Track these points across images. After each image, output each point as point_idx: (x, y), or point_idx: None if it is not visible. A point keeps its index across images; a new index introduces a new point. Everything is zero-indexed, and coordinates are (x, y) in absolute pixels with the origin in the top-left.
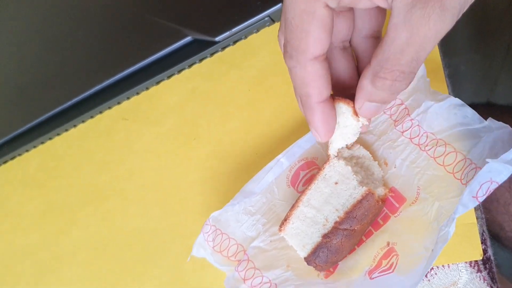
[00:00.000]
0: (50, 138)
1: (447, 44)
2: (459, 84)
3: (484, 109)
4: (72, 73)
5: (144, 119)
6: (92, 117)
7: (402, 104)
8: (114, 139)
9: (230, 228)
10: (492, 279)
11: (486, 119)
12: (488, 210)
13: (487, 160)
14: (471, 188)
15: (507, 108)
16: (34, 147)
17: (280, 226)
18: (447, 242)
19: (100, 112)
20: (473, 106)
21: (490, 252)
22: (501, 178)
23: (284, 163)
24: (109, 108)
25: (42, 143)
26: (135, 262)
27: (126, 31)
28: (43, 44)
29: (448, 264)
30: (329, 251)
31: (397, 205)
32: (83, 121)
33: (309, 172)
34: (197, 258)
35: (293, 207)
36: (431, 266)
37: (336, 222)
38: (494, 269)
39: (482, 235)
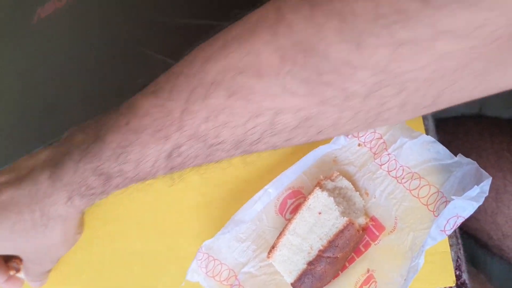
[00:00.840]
0: None
1: None
2: None
3: (474, 121)
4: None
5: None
6: None
7: (381, 138)
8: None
9: (222, 254)
10: None
11: (474, 132)
12: (476, 220)
13: (453, 197)
14: (438, 223)
15: (497, 120)
16: None
17: (268, 253)
18: (418, 273)
19: None
20: (463, 118)
21: (465, 277)
22: (466, 213)
23: (272, 193)
24: None
25: None
26: (135, 283)
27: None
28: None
29: None
30: (314, 278)
31: (377, 233)
32: None
33: (295, 200)
34: (191, 283)
35: (280, 234)
36: None
37: (320, 250)
38: None
39: (456, 261)
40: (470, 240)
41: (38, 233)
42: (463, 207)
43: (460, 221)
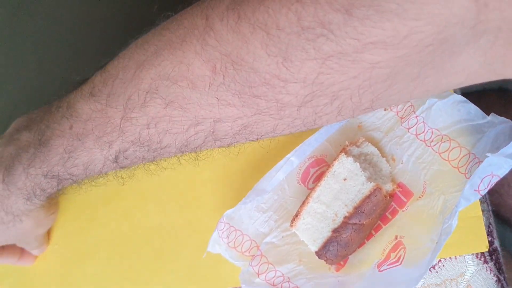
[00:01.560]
0: None
1: None
2: None
3: (497, 94)
4: None
5: None
6: None
7: (407, 101)
8: None
9: (243, 225)
10: (499, 269)
11: (497, 106)
12: (499, 194)
13: (487, 154)
14: (472, 182)
15: None
16: None
17: (292, 222)
18: (451, 235)
19: None
20: (484, 92)
21: (496, 243)
22: (502, 171)
23: (294, 162)
24: None
25: None
26: (154, 257)
27: None
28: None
29: (455, 256)
30: (339, 245)
31: (405, 200)
32: None
33: (319, 169)
34: (213, 254)
35: (303, 203)
36: (436, 258)
37: (345, 217)
38: (501, 260)
39: (488, 227)
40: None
41: (9, 228)
42: (498, 165)
43: (495, 180)
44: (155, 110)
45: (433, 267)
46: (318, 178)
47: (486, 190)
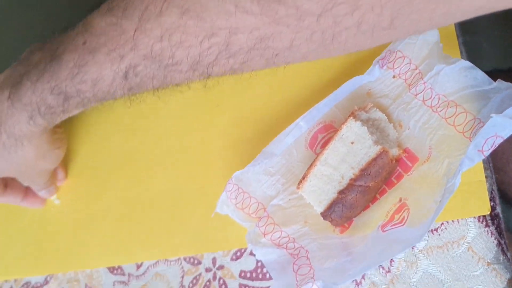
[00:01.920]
0: None
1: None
2: (480, 56)
3: (508, 74)
4: None
5: (171, 87)
6: None
7: (416, 69)
8: (141, 106)
9: (251, 188)
10: (500, 234)
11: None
12: (503, 172)
13: (492, 115)
14: (476, 142)
15: None
16: None
17: (298, 184)
18: (453, 195)
19: None
20: (495, 72)
21: (498, 209)
22: (506, 133)
23: (302, 127)
24: None
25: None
26: (162, 220)
27: None
28: None
29: (458, 220)
30: (344, 206)
31: (410, 164)
32: None
33: (327, 135)
34: (220, 216)
35: (311, 166)
36: (439, 220)
37: (351, 179)
38: (502, 225)
39: (491, 192)
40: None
41: (11, 154)
42: (503, 126)
43: (498, 141)
44: (171, 20)
45: (436, 229)
46: (326, 143)
47: (490, 151)
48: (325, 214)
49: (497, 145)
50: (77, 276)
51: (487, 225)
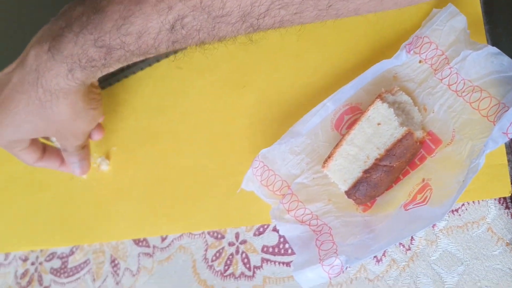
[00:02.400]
0: (110, 84)
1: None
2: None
3: None
4: None
5: (197, 67)
6: (150, 65)
7: (442, 54)
8: (169, 85)
9: (276, 165)
10: None
11: None
12: None
13: None
14: (501, 125)
15: None
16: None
17: (324, 163)
18: (476, 175)
19: (158, 61)
20: None
21: None
22: None
23: (329, 107)
24: (166, 56)
25: (103, 88)
26: (186, 196)
27: None
28: None
29: (478, 201)
30: (369, 185)
31: (433, 147)
32: (141, 69)
33: (352, 116)
34: (243, 194)
35: (337, 145)
36: (461, 201)
37: (376, 159)
38: None
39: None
40: None
41: (46, 110)
42: None
43: None
44: None
45: (456, 210)
46: (351, 125)
47: None
48: (350, 193)
49: None
50: (103, 248)
51: (507, 207)
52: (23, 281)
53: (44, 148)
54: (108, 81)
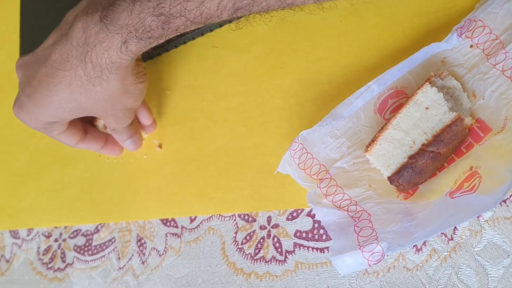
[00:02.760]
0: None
1: None
2: None
3: None
4: None
5: (233, 46)
6: (184, 43)
7: (496, 39)
8: (203, 65)
9: (315, 149)
10: None
11: None
12: None
13: None
14: None
15: None
16: None
17: (367, 147)
18: None
19: (193, 39)
20: None
21: None
22: None
23: (374, 90)
24: (202, 35)
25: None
26: (218, 176)
27: None
28: None
29: None
30: (413, 171)
31: (482, 135)
32: (175, 46)
33: (397, 101)
34: (277, 177)
35: (381, 129)
36: None
37: (423, 145)
38: None
39: None
40: None
41: (95, 87)
42: None
43: None
44: None
45: (504, 201)
46: (396, 109)
47: None
48: (393, 179)
49: None
50: (129, 226)
51: None
52: (45, 257)
53: (85, 129)
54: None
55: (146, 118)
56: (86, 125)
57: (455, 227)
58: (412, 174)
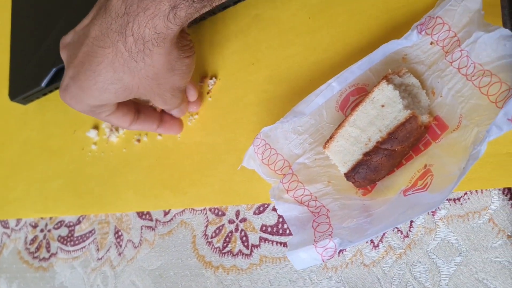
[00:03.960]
0: None
1: None
2: None
3: None
4: None
5: (208, 42)
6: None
7: (455, 36)
8: None
9: (278, 145)
10: None
11: None
12: None
13: None
14: (506, 110)
15: None
16: None
17: (325, 144)
18: (477, 160)
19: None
20: None
21: None
22: None
23: (335, 88)
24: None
25: None
26: (192, 170)
27: None
28: None
29: (482, 190)
30: (368, 168)
31: (439, 132)
32: None
33: (358, 98)
34: (246, 172)
35: (339, 126)
36: (463, 189)
37: (378, 142)
38: None
39: None
40: None
41: (138, 63)
42: None
43: None
44: None
45: (458, 199)
46: (357, 106)
47: None
48: (349, 175)
49: None
50: (108, 219)
51: (511, 198)
52: (32, 247)
53: (137, 110)
54: None
55: (190, 94)
56: (139, 104)
57: (411, 224)
58: (367, 171)
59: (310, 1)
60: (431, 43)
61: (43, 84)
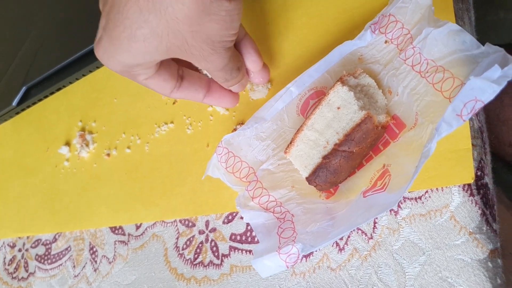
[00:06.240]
0: (90, 71)
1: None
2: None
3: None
4: None
5: None
6: None
7: (408, 33)
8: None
9: (242, 152)
10: (485, 204)
11: None
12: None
13: (469, 77)
14: (454, 106)
15: None
16: (77, 79)
17: (286, 149)
18: (428, 158)
19: None
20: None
21: (487, 179)
22: (486, 97)
23: (293, 92)
24: None
25: (84, 75)
26: (162, 182)
27: None
28: None
29: (442, 188)
30: (328, 171)
31: (397, 131)
32: None
33: (318, 101)
34: (214, 181)
35: (298, 130)
36: (422, 184)
37: (335, 144)
38: (491, 196)
39: (479, 162)
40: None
41: (167, 9)
42: (482, 89)
43: (478, 106)
44: None
45: (419, 197)
46: (315, 109)
47: (470, 116)
48: (310, 179)
49: (477, 110)
50: (82, 235)
51: (471, 194)
52: (10, 267)
53: (181, 76)
54: (87, 68)
55: (252, 61)
56: (183, 69)
57: (374, 226)
58: (327, 174)
59: (269, 6)
60: (386, 41)
61: (14, 103)
